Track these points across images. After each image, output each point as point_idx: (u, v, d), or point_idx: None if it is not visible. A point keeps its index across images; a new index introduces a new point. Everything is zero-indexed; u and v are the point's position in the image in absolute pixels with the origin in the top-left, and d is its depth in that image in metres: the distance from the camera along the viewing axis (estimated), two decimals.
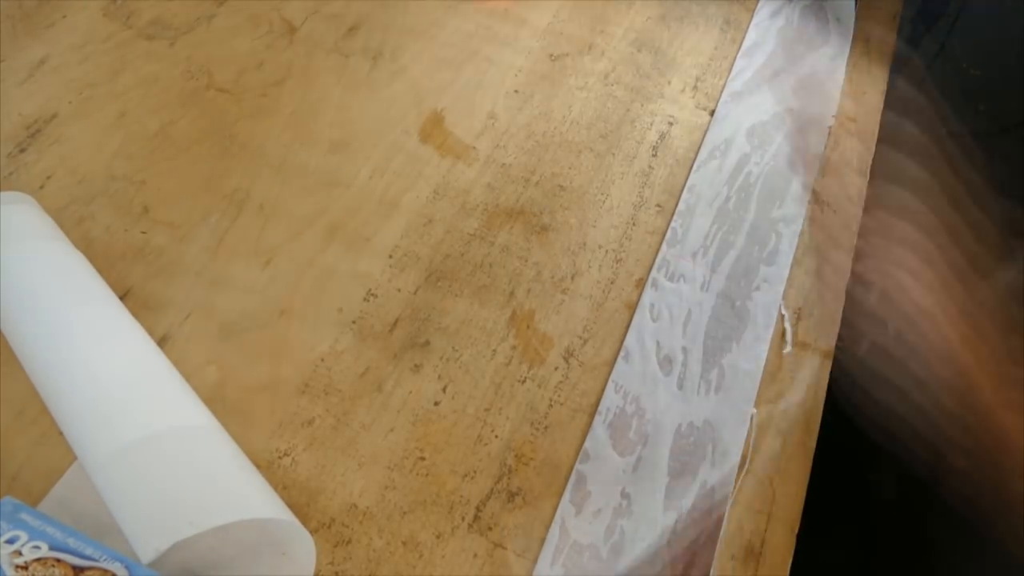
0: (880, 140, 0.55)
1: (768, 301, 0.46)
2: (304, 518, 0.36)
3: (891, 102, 0.57)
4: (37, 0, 0.54)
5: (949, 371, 0.45)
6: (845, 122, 0.56)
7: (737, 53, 0.60)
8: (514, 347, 0.43)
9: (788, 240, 0.49)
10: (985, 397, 0.42)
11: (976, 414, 0.42)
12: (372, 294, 0.44)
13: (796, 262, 0.48)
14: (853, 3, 0.64)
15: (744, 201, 0.51)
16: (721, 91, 0.57)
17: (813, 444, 0.42)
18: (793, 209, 0.50)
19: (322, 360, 0.42)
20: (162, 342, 0.41)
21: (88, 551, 0.26)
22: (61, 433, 0.33)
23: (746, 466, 0.40)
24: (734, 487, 0.39)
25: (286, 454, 0.38)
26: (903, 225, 0.51)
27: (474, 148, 0.52)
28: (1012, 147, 0.51)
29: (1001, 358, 0.43)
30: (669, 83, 0.57)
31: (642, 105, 0.56)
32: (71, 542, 0.26)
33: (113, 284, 0.40)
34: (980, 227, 0.48)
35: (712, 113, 0.56)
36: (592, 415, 0.41)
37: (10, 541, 0.26)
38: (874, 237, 0.50)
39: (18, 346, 0.35)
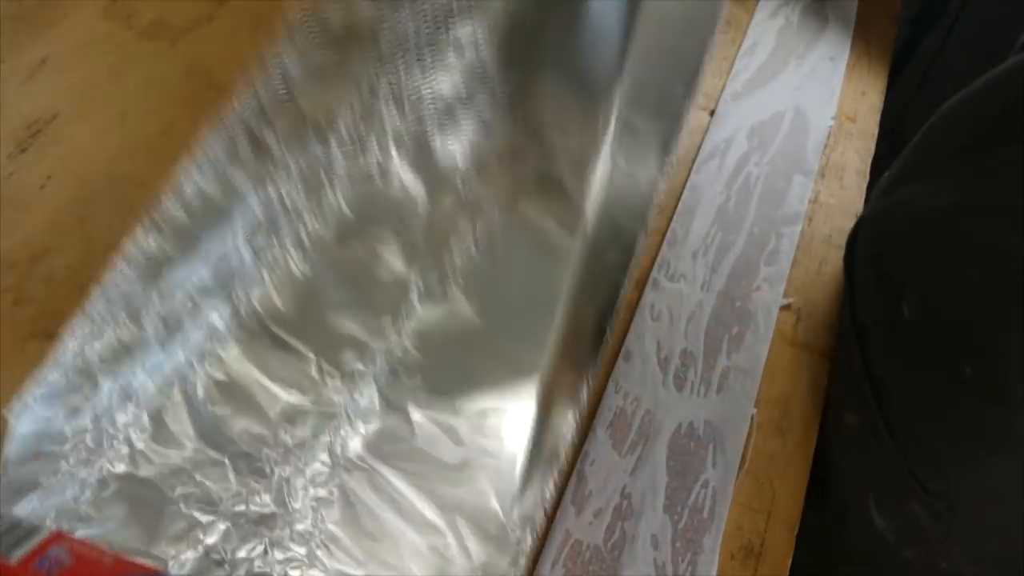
0: (880, 140, 0.55)
1: (768, 301, 0.46)
2: None
3: (891, 102, 0.57)
4: (37, 0, 0.54)
5: None
6: (845, 122, 0.56)
7: (737, 53, 0.60)
8: None
9: (788, 240, 0.49)
10: None
11: None
12: None
13: (796, 262, 0.48)
14: (853, 3, 0.64)
15: (744, 201, 0.51)
16: (721, 91, 0.57)
17: (813, 444, 0.42)
18: (793, 209, 0.50)
19: None
20: None
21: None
22: None
23: (746, 466, 0.40)
24: (734, 487, 0.39)
25: None
26: None
27: None
28: None
29: None
30: None
31: None
32: None
33: None
34: None
35: (712, 113, 0.56)
36: (592, 415, 0.41)
37: None
38: None
39: None
